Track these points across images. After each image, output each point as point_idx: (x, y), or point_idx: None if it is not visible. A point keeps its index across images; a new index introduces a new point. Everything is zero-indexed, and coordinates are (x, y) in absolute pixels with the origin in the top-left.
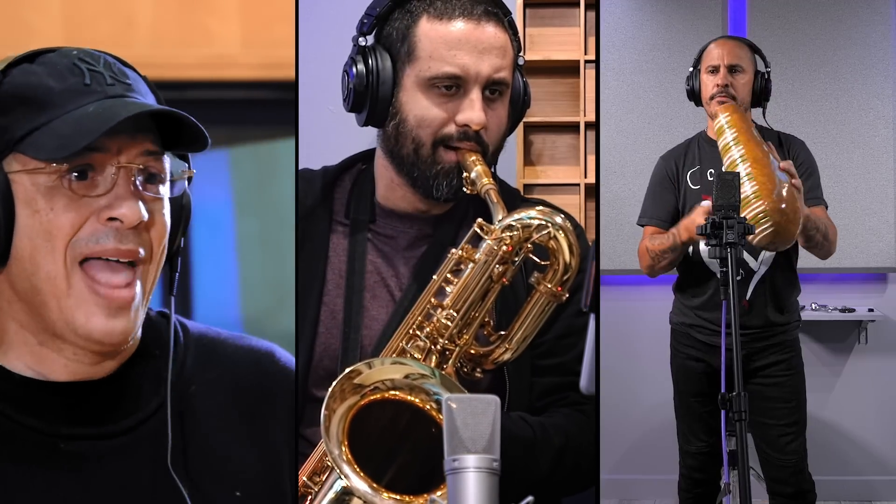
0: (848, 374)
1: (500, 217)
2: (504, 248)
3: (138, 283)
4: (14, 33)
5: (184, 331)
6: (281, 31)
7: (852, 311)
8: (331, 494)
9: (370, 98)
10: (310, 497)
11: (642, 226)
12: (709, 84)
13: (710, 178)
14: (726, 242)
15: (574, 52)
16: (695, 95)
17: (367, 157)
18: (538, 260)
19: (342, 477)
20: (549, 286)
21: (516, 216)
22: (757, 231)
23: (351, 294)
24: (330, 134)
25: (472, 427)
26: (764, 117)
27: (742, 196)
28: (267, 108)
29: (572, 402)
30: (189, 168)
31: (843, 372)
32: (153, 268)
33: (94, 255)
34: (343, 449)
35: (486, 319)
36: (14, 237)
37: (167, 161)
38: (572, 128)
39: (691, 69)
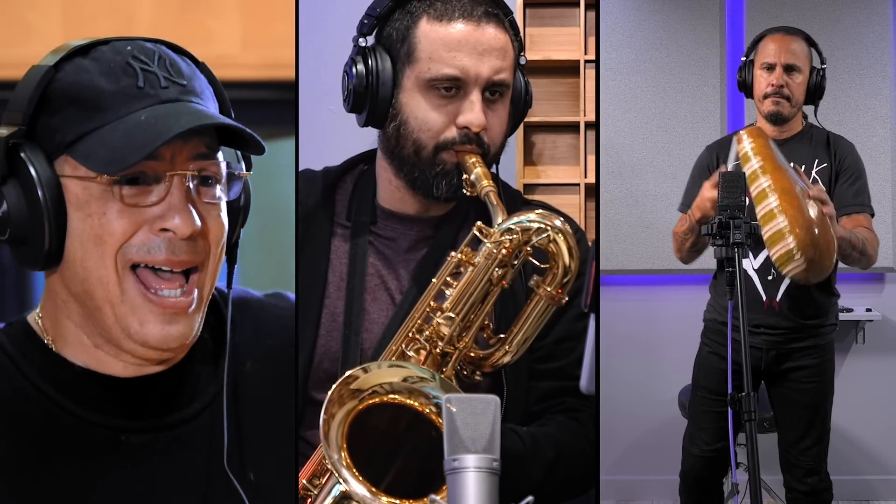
0: (846, 373)
1: (499, 220)
2: (503, 251)
3: (195, 290)
4: (14, 32)
5: (232, 306)
6: (281, 30)
7: (850, 310)
8: (330, 498)
9: (370, 99)
10: (309, 500)
11: (681, 212)
12: (763, 82)
13: None
14: (733, 242)
15: (574, 52)
16: (746, 88)
17: (368, 157)
18: (538, 263)
19: (341, 481)
20: (549, 289)
21: (515, 219)
22: (790, 266)
23: (351, 296)
24: (330, 134)
25: (472, 427)
26: (816, 115)
27: (774, 230)
28: (267, 107)
29: (568, 409)
30: (245, 169)
31: (841, 372)
32: (210, 270)
33: (145, 263)
34: (342, 453)
35: (486, 322)
36: (67, 239)
37: (222, 161)
38: (572, 128)
39: (743, 59)
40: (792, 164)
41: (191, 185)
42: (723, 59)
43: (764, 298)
